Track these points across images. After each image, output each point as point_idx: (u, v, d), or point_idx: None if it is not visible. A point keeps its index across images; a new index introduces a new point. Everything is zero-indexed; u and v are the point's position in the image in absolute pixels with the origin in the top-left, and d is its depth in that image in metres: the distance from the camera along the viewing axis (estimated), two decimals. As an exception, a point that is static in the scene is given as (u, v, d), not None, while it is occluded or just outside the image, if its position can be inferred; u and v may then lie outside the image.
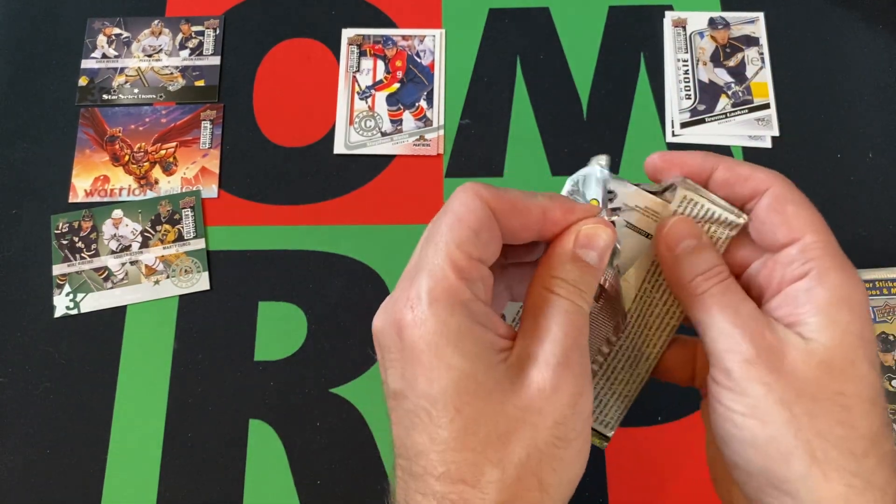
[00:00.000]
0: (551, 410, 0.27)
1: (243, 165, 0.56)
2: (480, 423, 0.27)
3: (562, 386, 0.27)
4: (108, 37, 0.59)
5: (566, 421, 0.27)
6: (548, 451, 0.27)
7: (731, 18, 0.59)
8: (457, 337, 0.27)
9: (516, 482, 0.26)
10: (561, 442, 0.27)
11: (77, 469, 0.48)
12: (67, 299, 0.52)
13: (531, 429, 0.27)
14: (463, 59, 0.58)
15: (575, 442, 0.28)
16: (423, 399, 0.27)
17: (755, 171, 0.31)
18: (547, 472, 0.27)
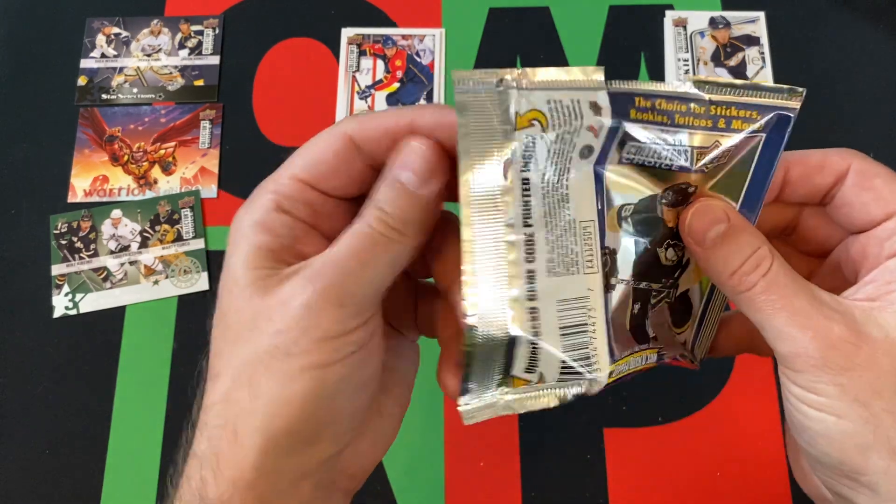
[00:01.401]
0: (278, 318, 0.26)
1: (243, 165, 0.56)
2: (230, 326, 0.27)
3: (296, 297, 0.25)
4: (107, 36, 0.59)
5: (289, 332, 0.25)
6: (262, 359, 0.26)
7: (731, 18, 0.59)
8: (241, 239, 0.28)
9: (230, 380, 0.26)
10: (278, 352, 0.25)
11: (76, 469, 0.48)
12: (66, 299, 0.52)
13: (258, 333, 0.26)
14: (463, 58, 0.58)
15: (294, 360, 0.25)
16: (219, 289, 0.28)
17: (826, 154, 0.29)
18: (260, 379, 0.26)
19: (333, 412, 0.27)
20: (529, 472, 0.47)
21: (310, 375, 0.26)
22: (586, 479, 0.47)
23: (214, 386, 0.27)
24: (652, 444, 0.48)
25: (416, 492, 0.47)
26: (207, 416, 0.27)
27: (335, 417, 0.27)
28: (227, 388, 0.26)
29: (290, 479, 0.27)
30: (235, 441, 0.26)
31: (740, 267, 0.27)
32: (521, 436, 0.48)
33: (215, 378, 0.27)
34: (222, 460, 0.26)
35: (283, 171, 0.28)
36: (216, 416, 0.27)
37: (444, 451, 0.48)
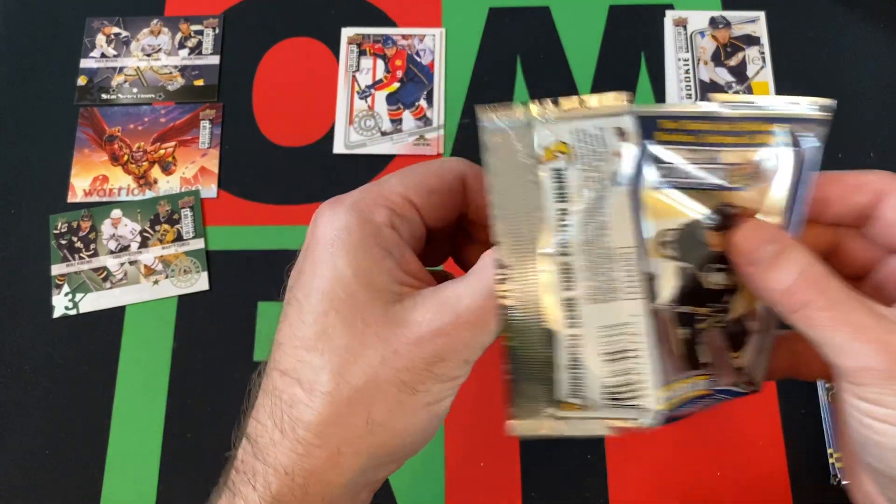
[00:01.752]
0: (407, 355, 0.26)
1: (242, 165, 0.56)
2: (339, 332, 0.27)
3: (426, 343, 0.26)
4: (107, 36, 0.59)
5: (417, 373, 0.26)
6: (386, 390, 0.26)
7: (731, 18, 0.59)
8: (354, 246, 0.27)
9: (346, 404, 0.26)
10: (405, 388, 0.27)
11: (76, 469, 0.48)
12: (66, 299, 0.52)
13: (380, 362, 0.26)
14: (463, 58, 0.58)
15: (420, 397, 0.27)
16: (301, 291, 0.28)
17: (862, 174, 0.29)
18: (379, 409, 0.27)
19: (427, 436, 0.28)
20: (529, 472, 0.47)
21: (428, 410, 0.27)
22: (586, 479, 0.47)
23: (318, 402, 0.27)
24: (652, 444, 0.48)
25: (416, 492, 0.47)
26: (305, 433, 0.27)
27: (423, 441, 0.29)
28: (338, 410, 0.27)
29: (360, 490, 0.29)
30: (337, 460, 0.27)
31: (793, 284, 0.27)
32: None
33: (321, 395, 0.27)
34: (314, 477, 0.27)
35: (394, 187, 0.29)
36: (318, 435, 0.27)
37: (444, 451, 0.48)
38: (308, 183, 0.55)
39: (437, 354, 0.26)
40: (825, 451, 0.47)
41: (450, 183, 0.29)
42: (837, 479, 0.45)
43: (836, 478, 0.45)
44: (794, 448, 0.48)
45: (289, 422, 0.27)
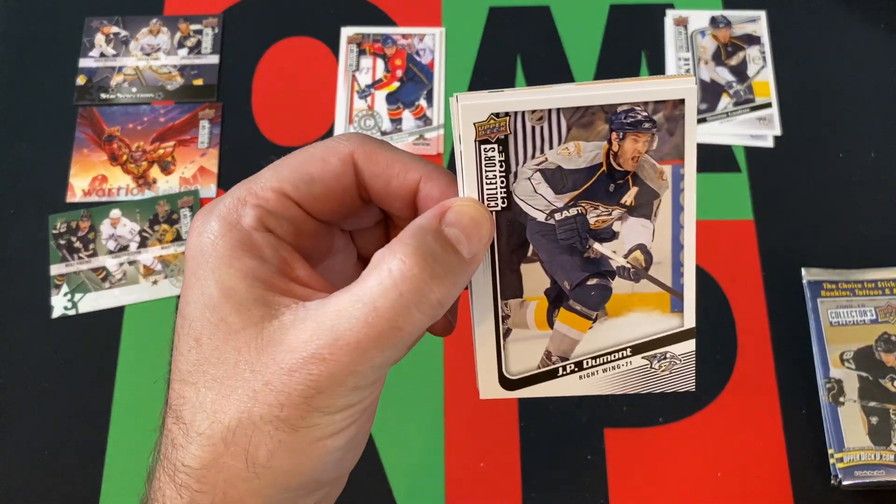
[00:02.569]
0: (280, 388, 0.23)
1: (242, 165, 0.56)
2: (212, 364, 0.24)
3: (304, 374, 0.22)
4: (106, 36, 0.59)
5: (294, 408, 0.23)
6: (262, 428, 0.23)
7: (732, 17, 0.59)
8: (220, 261, 0.24)
9: (223, 445, 0.23)
10: (283, 425, 0.23)
11: (75, 469, 0.48)
12: (65, 299, 0.52)
13: (251, 397, 0.23)
14: (463, 57, 0.58)
15: (303, 433, 0.23)
16: (180, 315, 0.25)
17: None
18: (259, 450, 0.23)
19: (338, 470, 0.25)
20: (529, 472, 0.47)
21: (320, 446, 0.24)
22: (586, 479, 0.47)
23: (195, 447, 0.24)
24: (652, 444, 0.48)
25: (416, 492, 0.47)
26: (187, 479, 0.24)
27: (336, 474, 0.26)
28: (215, 453, 0.23)
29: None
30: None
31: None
32: (521, 436, 0.48)
33: (196, 436, 0.24)
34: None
35: (266, 181, 0.25)
36: (199, 481, 0.24)
37: (444, 451, 0.48)
38: (308, 183, 0.55)
39: (314, 385, 0.23)
40: (825, 451, 0.47)
41: (334, 167, 0.25)
42: (838, 479, 0.45)
43: (836, 478, 0.45)
44: (794, 448, 0.47)
45: (170, 466, 0.25)
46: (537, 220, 0.25)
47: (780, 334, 0.50)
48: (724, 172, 0.54)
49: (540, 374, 0.27)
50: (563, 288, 0.26)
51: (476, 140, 0.24)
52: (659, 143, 0.24)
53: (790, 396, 0.49)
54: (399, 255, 0.23)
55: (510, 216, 0.25)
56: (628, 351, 0.27)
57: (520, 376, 0.27)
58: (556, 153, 0.25)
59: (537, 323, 0.27)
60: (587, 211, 0.25)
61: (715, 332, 0.50)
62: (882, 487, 0.46)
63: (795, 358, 0.49)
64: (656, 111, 0.24)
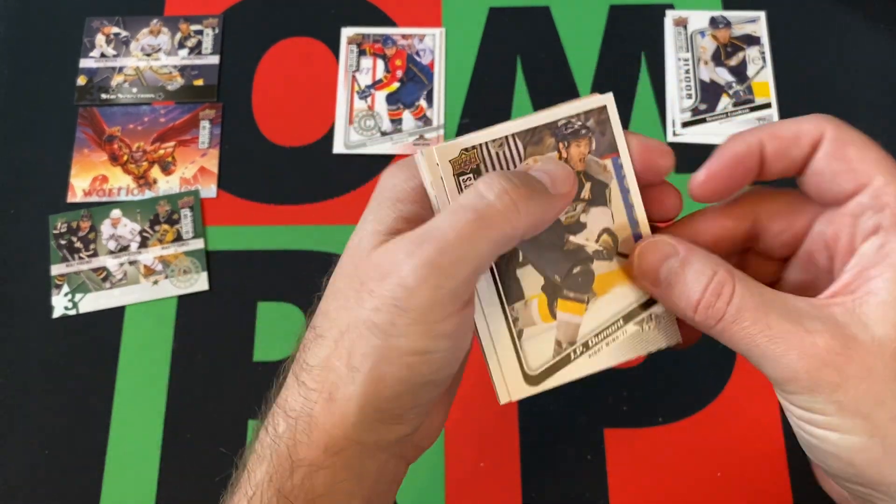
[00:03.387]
0: (378, 293, 0.25)
1: (242, 165, 0.56)
2: (339, 279, 0.28)
3: (393, 272, 0.25)
4: (106, 36, 0.59)
5: (386, 311, 0.25)
6: (362, 332, 0.26)
7: (732, 17, 0.59)
8: (379, 203, 0.28)
9: (333, 345, 0.27)
10: (376, 329, 0.25)
11: (75, 470, 0.48)
12: (66, 299, 0.52)
13: (358, 302, 0.26)
14: (463, 58, 0.58)
15: (393, 342, 0.25)
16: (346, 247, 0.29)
17: (799, 123, 0.27)
18: (356, 354, 0.26)
19: (418, 398, 0.27)
20: (529, 472, 0.47)
21: (403, 363, 0.26)
22: (586, 479, 0.47)
23: (316, 347, 0.27)
24: (652, 444, 0.48)
25: (416, 492, 0.47)
26: (307, 376, 0.27)
27: (418, 402, 0.27)
28: (328, 353, 0.27)
29: (372, 449, 0.28)
30: (330, 407, 0.26)
31: (702, 299, 0.26)
32: (521, 436, 0.48)
33: (318, 339, 0.27)
34: (315, 424, 0.27)
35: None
36: (314, 379, 0.27)
37: (445, 451, 0.48)
38: (308, 183, 0.55)
39: (402, 284, 0.25)
40: (825, 452, 0.47)
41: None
42: (837, 480, 0.45)
43: (836, 478, 0.45)
44: (794, 448, 0.47)
45: (299, 365, 0.28)
46: None
47: (780, 334, 0.50)
48: (723, 173, 0.54)
49: (556, 362, 0.30)
50: (554, 281, 0.30)
51: (454, 174, 0.28)
52: (596, 144, 0.30)
53: (790, 396, 0.49)
54: (487, 181, 0.26)
55: None
56: (622, 321, 0.31)
57: (540, 370, 0.30)
58: (520, 170, 0.29)
59: (542, 317, 0.30)
60: None
61: (715, 332, 0.50)
62: (882, 487, 0.46)
63: (795, 358, 0.49)
64: (588, 118, 0.30)
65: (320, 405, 0.27)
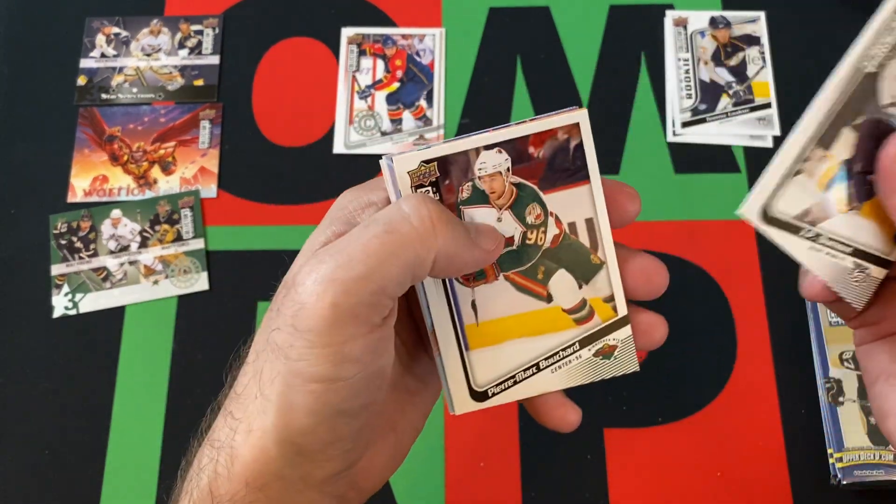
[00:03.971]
0: (284, 311, 0.25)
1: (242, 165, 0.56)
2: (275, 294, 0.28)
3: (301, 291, 0.24)
4: (106, 36, 0.59)
5: (289, 334, 0.24)
6: (271, 358, 0.25)
7: (732, 17, 0.59)
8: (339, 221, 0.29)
9: (252, 369, 0.26)
10: (281, 354, 0.25)
11: (75, 470, 0.48)
12: (66, 299, 0.52)
13: (268, 317, 0.26)
14: (463, 58, 0.58)
15: (296, 365, 0.24)
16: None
17: None
18: (266, 376, 0.25)
19: (336, 432, 0.26)
20: (529, 472, 0.47)
21: (308, 390, 0.24)
22: (586, 479, 0.47)
23: (242, 373, 0.27)
24: (652, 444, 0.48)
25: (416, 492, 0.47)
26: (233, 406, 0.26)
27: (338, 436, 0.26)
28: (248, 379, 0.26)
29: (299, 487, 0.26)
30: (249, 439, 0.25)
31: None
32: (521, 436, 0.48)
33: (244, 365, 0.27)
34: (236, 457, 0.25)
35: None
36: (238, 408, 0.26)
37: (445, 451, 0.48)
38: (308, 183, 0.55)
39: (299, 301, 0.24)
40: (825, 451, 0.47)
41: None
42: (837, 479, 0.45)
43: (835, 478, 0.45)
44: (794, 448, 0.48)
45: (229, 395, 0.28)
46: (879, 102, 0.29)
47: (780, 334, 0.50)
48: (723, 173, 0.54)
49: (789, 224, 0.29)
50: (854, 168, 0.28)
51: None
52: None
53: (790, 396, 0.49)
54: (411, 199, 0.26)
55: (869, 81, 0.29)
56: (850, 250, 0.29)
57: (775, 216, 0.29)
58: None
59: (819, 182, 0.29)
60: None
61: (715, 332, 0.50)
62: (882, 487, 0.46)
63: (795, 358, 0.49)
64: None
65: (241, 436, 0.25)
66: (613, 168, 0.55)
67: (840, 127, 0.28)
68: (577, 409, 0.31)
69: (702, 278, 0.52)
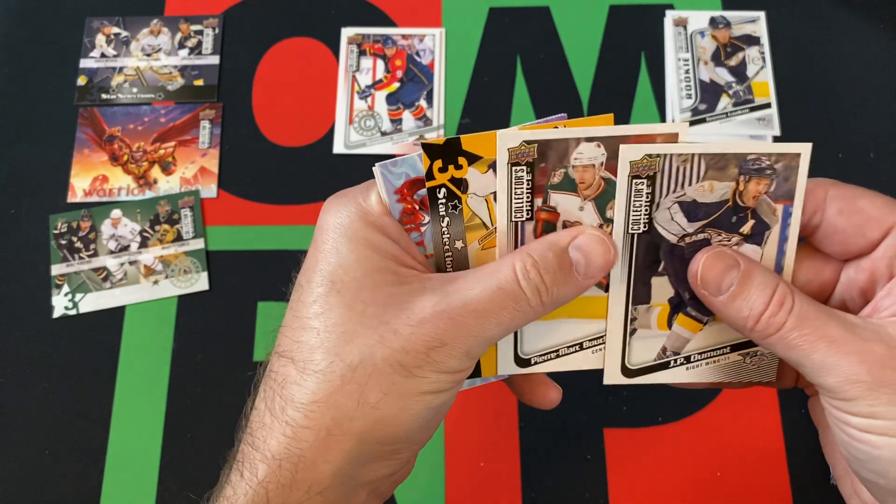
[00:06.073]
0: (407, 336, 0.26)
1: (242, 165, 0.56)
2: (338, 311, 0.26)
3: (432, 327, 0.26)
4: (106, 36, 0.59)
5: (416, 355, 0.26)
6: (382, 369, 0.26)
7: (732, 17, 0.59)
8: (358, 233, 0.28)
9: (339, 381, 0.26)
10: (402, 370, 0.26)
11: (76, 470, 0.48)
12: (66, 299, 0.52)
13: (378, 341, 0.26)
14: (463, 58, 0.58)
15: (416, 382, 0.26)
16: (305, 276, 0.28)
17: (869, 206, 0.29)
18: (373, 390, 0.26)
19: (422, 432, 0.28)
20: (529, 472, 0.47)
21: (423, 400, 0.26)
22: (586, 479, 0.47)
23: (309, 382, 0.26)
24: (652, 444, 0.48)
25: (416, 492, 0.47)
26: (296, 414, 0.26)
27: (418, 437, 0.28)
28: (331, 389, 0.26)
29: (354, 487, 0.27)
30: (326, 442, 0.26)
31: (765, 310, 0.27)
32: (521, 436, 0.48)
33: (311, 374, 0.26)
34: (303, 463, 0.26)
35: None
36: (307, 416, 0.26)
37: (445, 451, 0.48)
38: (308, 183, 0.55)
39: (439, 338, 0.26)
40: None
41: None
42: (837, 479, 0.45)
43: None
44: (794, 448, 0.48)
45: (280, 402, 0.27)
46: (670, 243, 0.30)
47: (780, 334, 0.50)
48: (723, 173, 0.54)
49: (654, 365, 0.33)
50: (683, 298, 0.31)
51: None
52: (776, 187, 0.30)
53: (790, 396, 0.49)
54: (521, 259, 0.27)
55: (648, 238, 0.30)
56: (728, 349, 0.32)
57: (638, 367, 0.33)
58: (694, 189, 0.30)
59: (659, 325, 0.32)
60: (711, 237, 0.30)
61: (715, 332, 0.50)
62: (881, 487, 0.46)
63: (795, 358, 0.49)
64: (778, 161, 0.29)
65: (312, 442, 0.26)
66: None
67: (645, 282, 0.31)
68: (557, 388, 0.33)
69: (702, 278, 0.52)
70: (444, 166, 0.29)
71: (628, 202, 0.30)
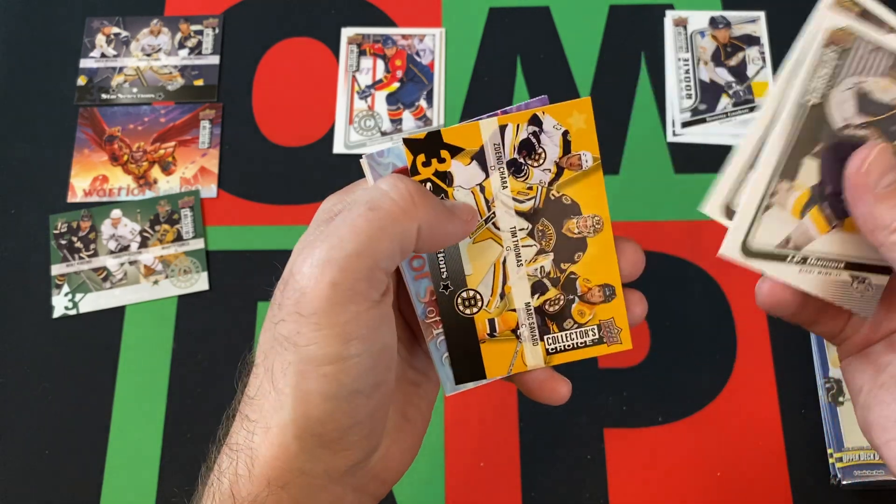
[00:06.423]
0: (284, 303, 0.26)
1: (242, 165, 0.56)
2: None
3: (297, 276, 0.26)
4: (106, 36, 0.59)
5: (292, 322, 0.25)
6: (279, 350, 0.26)
7: (732, 17, 0.59)
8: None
9: (262, 370, 0.27)
10: (289, 344, 0.25)
11: (76, 469, 0.48)
12: (66, 299, 0.52)
13: (271, 314, 0.27)
14: (463, 58, 0.58)
15: (303, 351, 0.25)
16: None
17: None
18: (278, 370, 0.26)
19: (354, 415, 0.26)
20: (529, 472, 0.47)
21: (320, 374, 0.25)
22: (586, 479, 0.47)
23: (253, 376, 0.27)
24: (652, 444, 0.48)
25: (416, 492, 0.47)
26: (248, 409, 0.27)
27: (356, 419, 0.26)
28: (260, 380, 0.26)
29: (322, 481, 0.26)
30: (268, 437, 0.26)
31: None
32: (521, 436, 0.48)
33: (254, 367, 0.27)
34: (257, 457, 0.26)
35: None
36: (254, 410, 0.26)
37: (445, 451, 0.48)
38: (308, 183, 0.55)
39: (299, 288, 0.25)
40: (825, 451, 0.47)
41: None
42: (837, 479, 0.45)
43: (835, 478, 0.45)
44: (794, 448, 0.48)
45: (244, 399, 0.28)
46: (833, 127, 0.29)
47: (780, 334, 0.50)
48: (723, 173, 0.54)
49: (773, 253, 0.31)
50: (825, 191, 0.30)
51: (824, 43, 0.29)
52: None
53: (790, 396, 0.49)
54: (388, 179, 0.27)
55: (816, 114, 0.29)
56: (843, 265, 0.31)
57: (757, 249, 0.31)
58: (873, 82, 0.29)
59: (793, 210, 0.31)
60: (870, 139, 0.29)
61: (714, 332, 0.50)
62: (882, 487, 0.46)
63: (795, 358, 0.49)
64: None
65: (259, 436, 0.26)
66: (614, 168, 0.55)
67: (799, 158, 0.30)
68: (567, 382, 0.32)
69: (702, 278, 0.52)
70: (427, 160, 0.29)
71: (814, 68, 0.29)
